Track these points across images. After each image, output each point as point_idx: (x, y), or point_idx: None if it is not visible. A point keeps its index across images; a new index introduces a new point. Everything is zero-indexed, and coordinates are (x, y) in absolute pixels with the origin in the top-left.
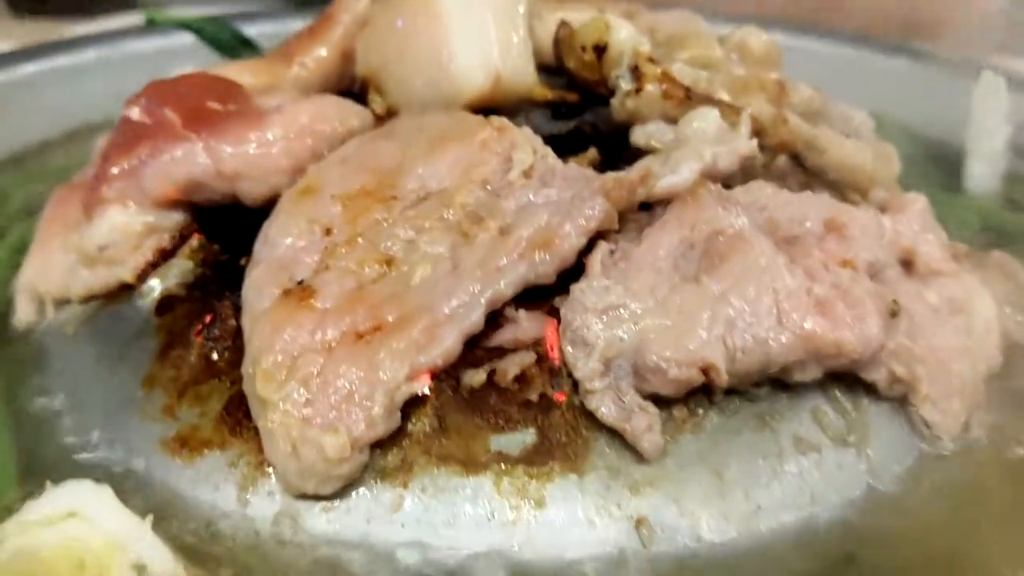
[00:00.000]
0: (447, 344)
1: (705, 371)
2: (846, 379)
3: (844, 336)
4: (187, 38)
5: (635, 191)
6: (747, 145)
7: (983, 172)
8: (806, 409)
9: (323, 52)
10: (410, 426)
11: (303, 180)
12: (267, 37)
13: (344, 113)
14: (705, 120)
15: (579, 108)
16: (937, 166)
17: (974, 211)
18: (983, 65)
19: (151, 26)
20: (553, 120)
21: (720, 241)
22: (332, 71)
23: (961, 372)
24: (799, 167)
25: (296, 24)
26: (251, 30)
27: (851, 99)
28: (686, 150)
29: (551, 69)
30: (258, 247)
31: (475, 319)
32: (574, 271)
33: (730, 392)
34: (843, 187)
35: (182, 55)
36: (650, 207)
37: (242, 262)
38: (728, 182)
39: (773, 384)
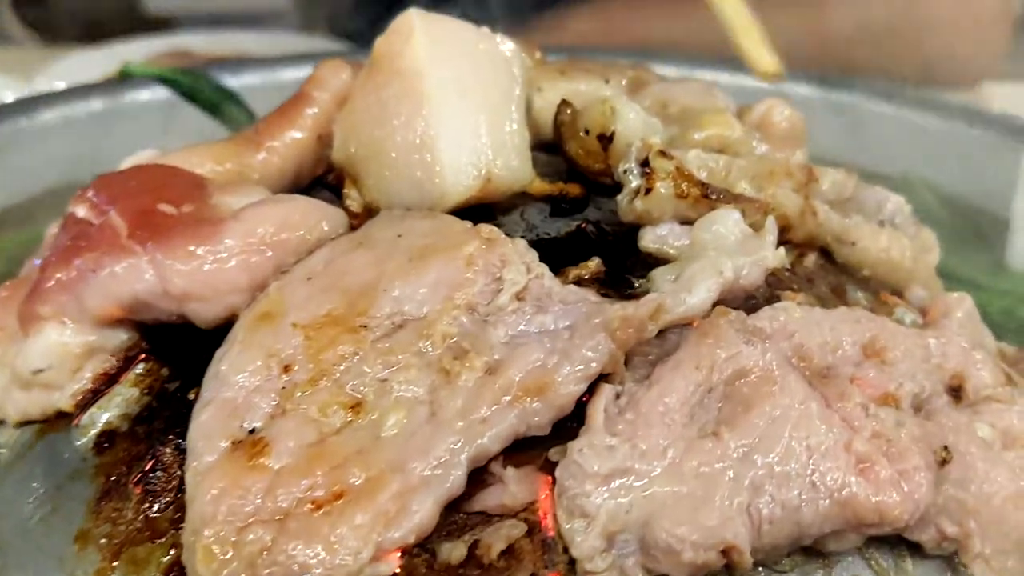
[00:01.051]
0: (421, 516)
1: (726, 552)
2: (888, 539)
3: (889, 501)
4: (163, 92)
5: (644, 328)
6: (775, 256)
7: None
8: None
9: (296, 135)
10: None
11: (261, 302)
12: (256, 89)
13: (313, 218)
14: (725, 224)
15: (582, 202)
16: (976, 240)
17: (1019, 297)
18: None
19: (124, 79)
20: (551, 218)
21: (744, 385)
22: (307, 157)
23: (1020, 522)
24: (828, 263)
25: (290, 73)
26: (236, 81)
27: (880, 158)
28: (703, 263)
29: (551, 146)
30: (207, 383)
31: (455, 482)
32: (573, 413)
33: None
34: (877, 285)
35: (156, 110)
36: (662, 332)
37: (191, 395)
38: (752, 295)
39: (805, 551)
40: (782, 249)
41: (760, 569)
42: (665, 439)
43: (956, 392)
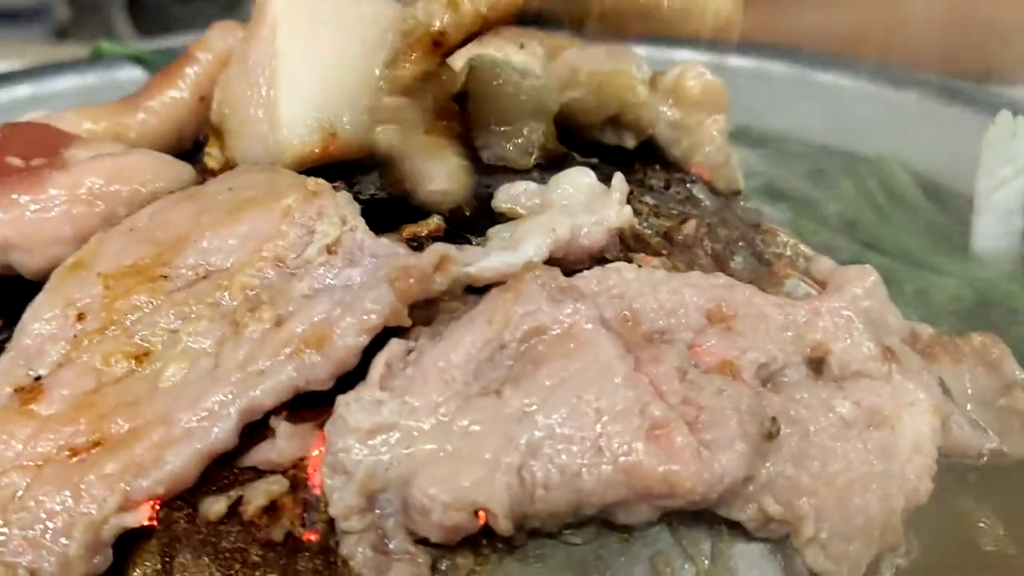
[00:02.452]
0: (172, 467)
1: (481, 515)
2: (704, 515)
3: (680, 471)
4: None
5: (428, 279)
6: (619, 216)
7: (993, 232)
8: (643, 557)
9: (175, 95)
10: (132, 566)
11: (78, 252)
12: None
13: (150, 172)
14: (575, 183)
15: None
16: (947, 221)
17: (970, 282)
18: (1004, 101)
19: (96, 58)
20: None
21: (539, 343)
22: (187, 118)
23: (866, 506)
24: (712, 231)
25: None
26: None
27: (856, 137)
28: (537, 220)
29: None
30: (15, 331)
31: (219, 434)
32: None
33: (537, 533)
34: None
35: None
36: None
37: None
38: (601, 256)
39: (603, 523)
40: (628, 208)
41: (547, 540)
42: (440, 395)
43: (817, 365)
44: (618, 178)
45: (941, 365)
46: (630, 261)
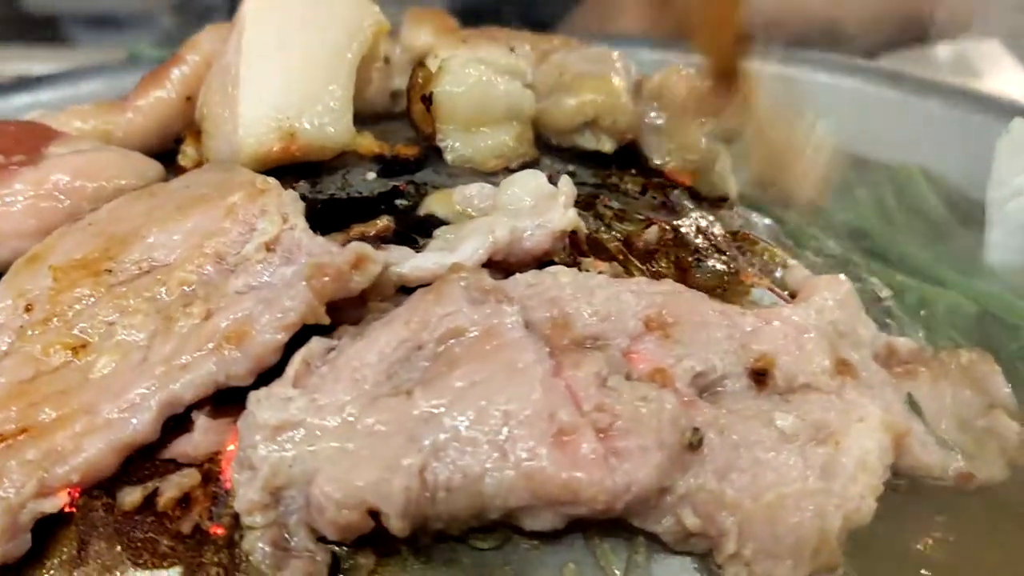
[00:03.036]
0: (89, 456)
1: (374, 515)
2: (622, 524)
3: (582, 478)
4: None
5: (344, 278)
6: (563, 219)
7: (1007, 244)
8: (553, 565)
9: (161, 95)
10: (49, 551)
11: (37, 246)
12: None
13: (117, 168)
14: (524, 185)
15: (420, 163)
16: (965, 233)
17: (975, 295)
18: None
19: (132, 61)
20: (379, 178)
21: (456, 344)
22: (173, 117)
23: (798, 524)
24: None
25: None
26: None
27: (880, 145)
28: (480, 223)
29: None
30: None
31: (138, 426)
32: None
33: (445, 536)
34: (742, 263)
35: None
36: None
37: None
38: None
39: (514, 529)
40: (572, 211)
41: (453, 543)
42: (348, 394)
43: (760, 377)
44: (563, 181)
45: (918, 381)
46: (578, 265)
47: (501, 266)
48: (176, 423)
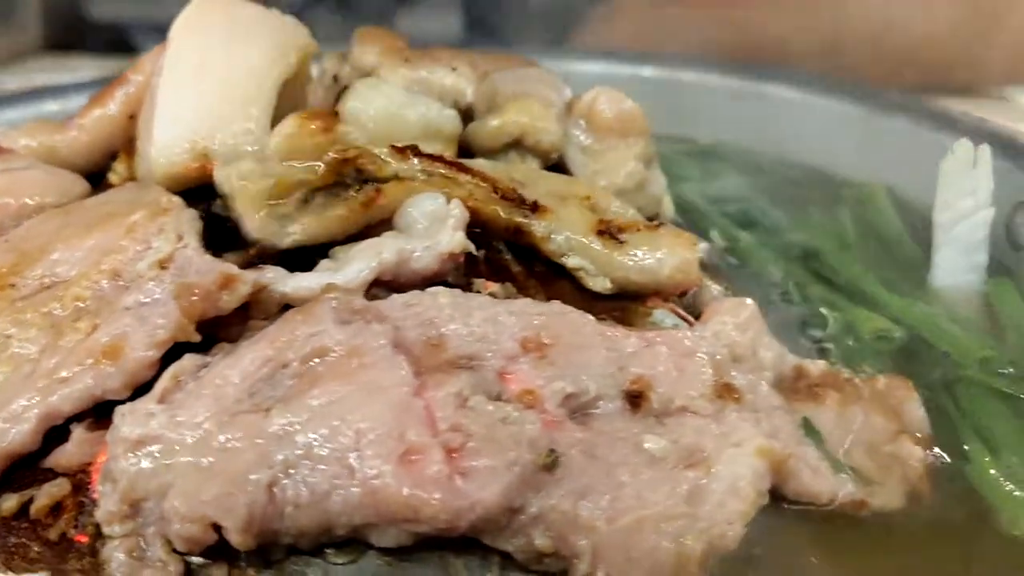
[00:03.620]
0: None
1: (218, 529)
2: (479, 543)
3: (424, 497)
4: None
5: (212, 298)
6: (451, 241)
7: (954, 267)
8: None
9: (105, 113)
10: None
11: None
12: None
13: (41, 186)
14: (419, 207)
15: None
16: (921, 255)
17: (911, 319)
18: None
19: None
20: None
21: (320, 364)
22: (116, 135)
23: (655, 548)
24: None
25: None
26: None
27: (845, 164)
28: (368, 243)
29: None
30: None
31: (16, 436)
32: None
33: (301, 552)
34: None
35: None
36: None
37: None
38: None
39: (369, 545)
40: (460, 234)
41: (312, 558)
42: (208, 411)
43: (635, 399)
44: (454, 204)
45: (824, 405)
46: (468, 287)
47: (392, 286)
48: (60, 433)
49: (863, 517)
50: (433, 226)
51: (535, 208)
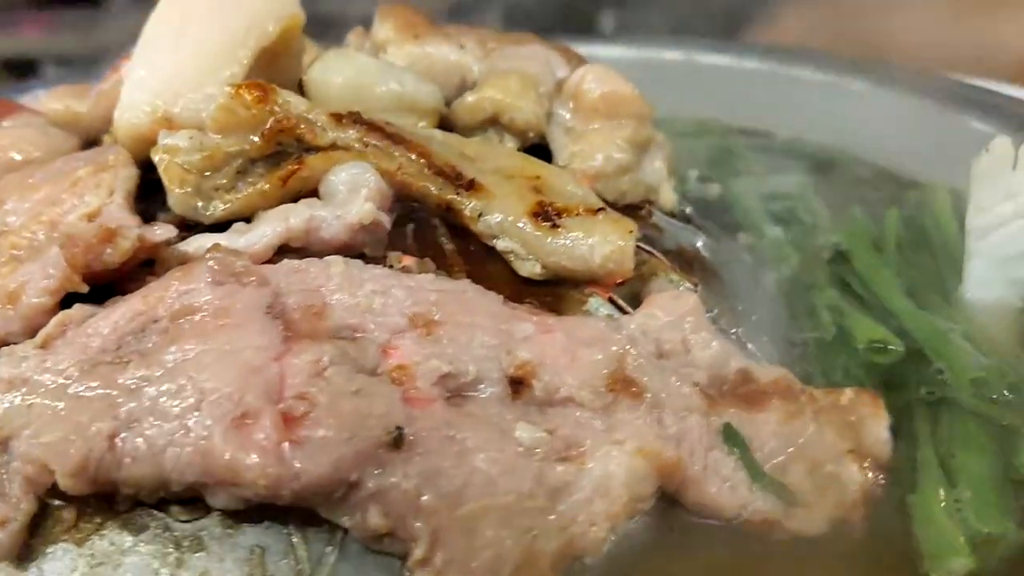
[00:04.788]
0: None
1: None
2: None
3: (244, 460)
4: None
5: (94, 251)
6: (358, 212)
7: (988, 278)
8: (243, 545)
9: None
10: None
11: None
12: None
13: (30, 142)
14: (338, 176)
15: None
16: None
17: (916, 332)
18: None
19: None
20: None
21: (186, 321)
22: None
23: (499, 540)
24: None
25: None
26: None
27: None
28: (278, 210)
29: None
30: None
31: None
32: None
33: (147, 505)
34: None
35: None
36: None
37: None
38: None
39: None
40: (369, 205)
41: (146, 512)
42: (73, 358)
43: (518, 385)
44: (369, 175)
45: (764, 414)
46: (384, 259)
47: (306, 254)
48: None
49: (776, 540)
50: (350, 196)
51: (470, 186)
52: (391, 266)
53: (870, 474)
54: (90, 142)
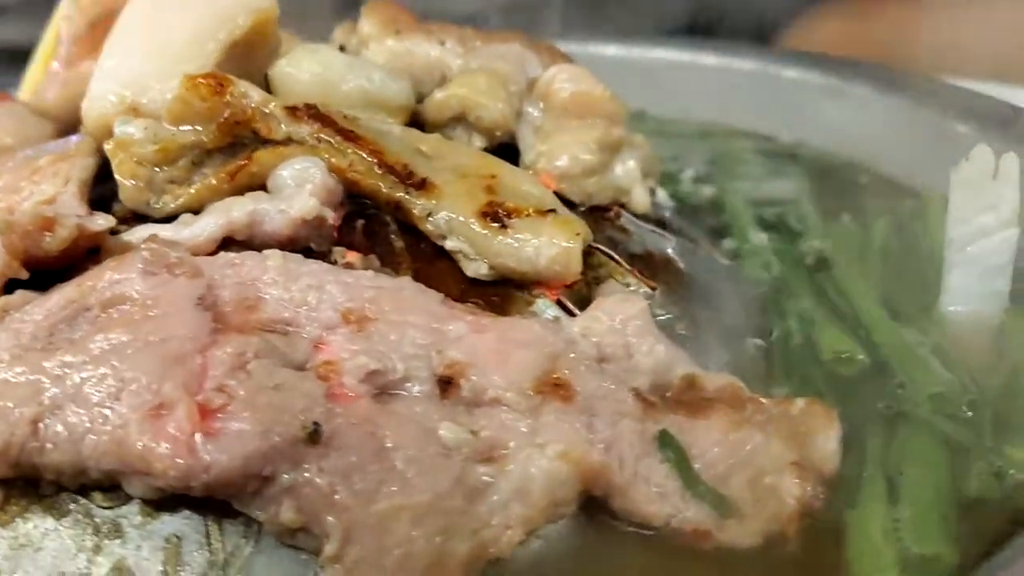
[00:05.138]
0: None
1: None
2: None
3: (155, 450)
4: None
5: (32, 238)
6: (301, 207)
7: (968, 291)
8: (160, 533)
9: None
10: None
11: None
12: None
13: (3, 129)
14: (288, 169)
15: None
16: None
17: (884, 344)
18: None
19: None
20: None
21: (116, 311)
22: None
23: (411, 540)
24: None
25: None
26: None
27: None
28: (223, 203)
29: None
30: None
31: None
32: None
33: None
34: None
35: None
36: None
37: None
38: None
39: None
40: (313, 201)
41: (71, 499)
42: (5, 344)
43: (446, 385)
44: (316, 170)
45: (707, 421)
46: (329, 255)
47: (251, 247)
48: None
49: (705, 551)
50: (295, 191)
51: (420, 185)
52: (335, 262)
53: (810, 488)
54: (70, 130)
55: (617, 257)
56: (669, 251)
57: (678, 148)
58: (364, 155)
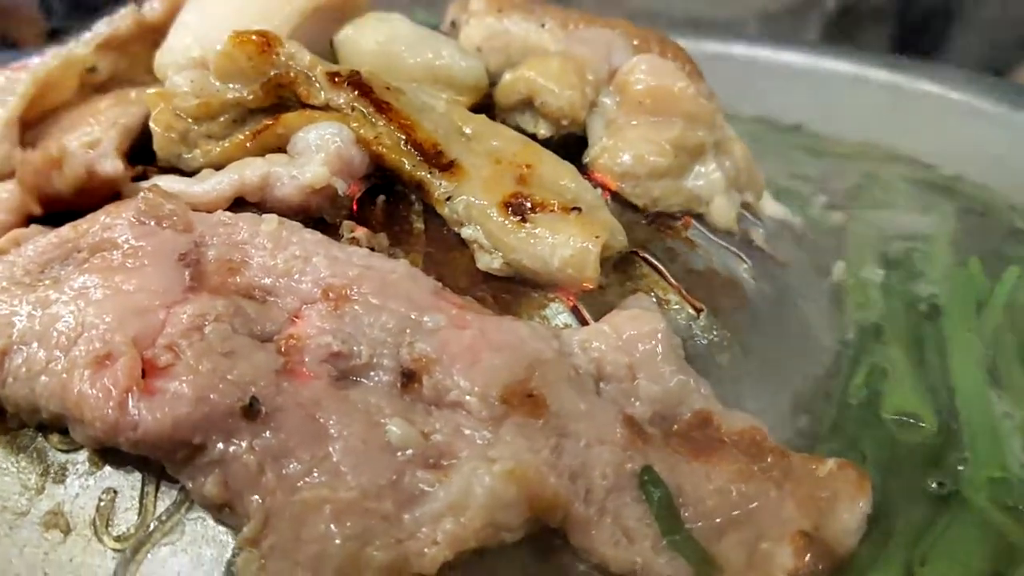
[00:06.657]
0: None
1: None
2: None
3: (89, 400)
4: None
5: (44, 174)
6: (312, 175)
7: None
8: (97, 487)
9: None
10: None
11: None
12: None
13: None
14: (308, 133)
15: None
16: None
17: (962, 408)
18: None
19: None
20: None
21: (100, 256)
22: None
23: (328, 537)
24: None
25: None
26: None
27: None
28: (243, 161)
29: None
30: None
31: None
32: None
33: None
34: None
35: None
36: None
37: None
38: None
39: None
40: (323, 169)
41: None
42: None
43: (409, 378)
44: (331, 137)
45: (715, 467)
46: (337, 226)
47: (263, 209)
48: None
49: None
50: (312, 156)
51: (447, 167)
52: (342, 235)
53: (809, 564)
54: None
55: (662, 269)
56: (741, 272)
57: (825, 167)
58: (393, 128)
